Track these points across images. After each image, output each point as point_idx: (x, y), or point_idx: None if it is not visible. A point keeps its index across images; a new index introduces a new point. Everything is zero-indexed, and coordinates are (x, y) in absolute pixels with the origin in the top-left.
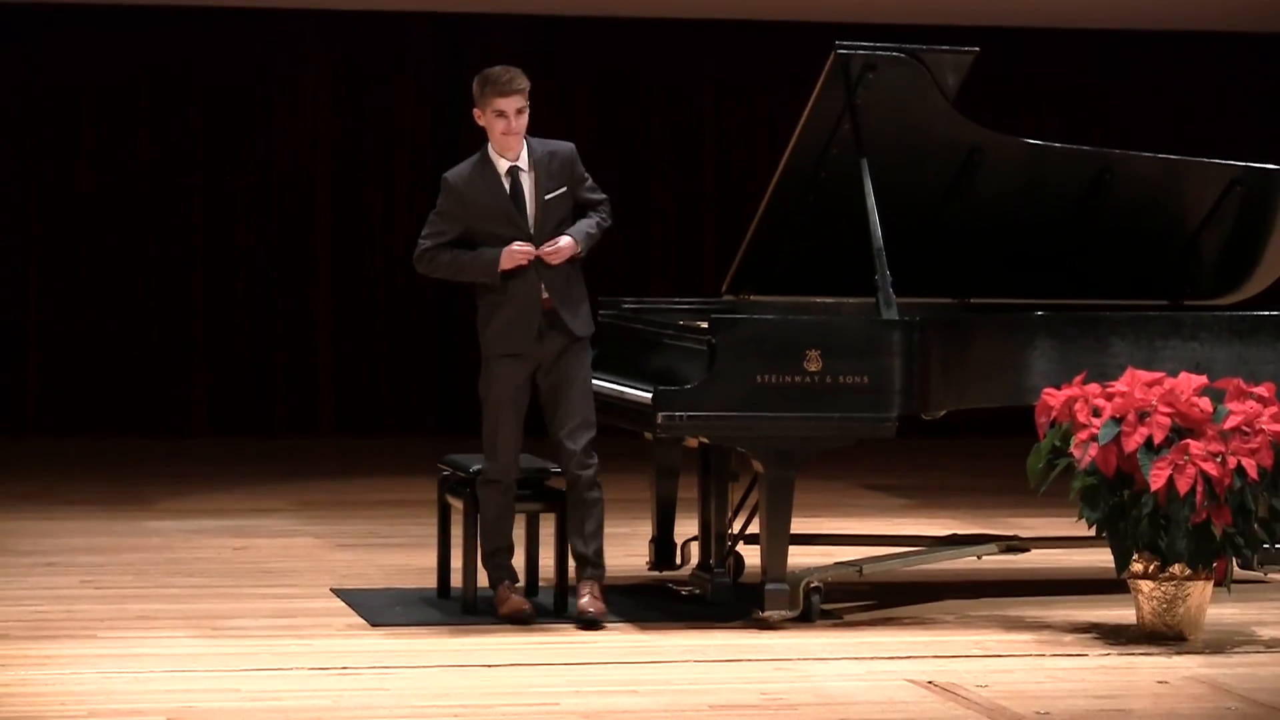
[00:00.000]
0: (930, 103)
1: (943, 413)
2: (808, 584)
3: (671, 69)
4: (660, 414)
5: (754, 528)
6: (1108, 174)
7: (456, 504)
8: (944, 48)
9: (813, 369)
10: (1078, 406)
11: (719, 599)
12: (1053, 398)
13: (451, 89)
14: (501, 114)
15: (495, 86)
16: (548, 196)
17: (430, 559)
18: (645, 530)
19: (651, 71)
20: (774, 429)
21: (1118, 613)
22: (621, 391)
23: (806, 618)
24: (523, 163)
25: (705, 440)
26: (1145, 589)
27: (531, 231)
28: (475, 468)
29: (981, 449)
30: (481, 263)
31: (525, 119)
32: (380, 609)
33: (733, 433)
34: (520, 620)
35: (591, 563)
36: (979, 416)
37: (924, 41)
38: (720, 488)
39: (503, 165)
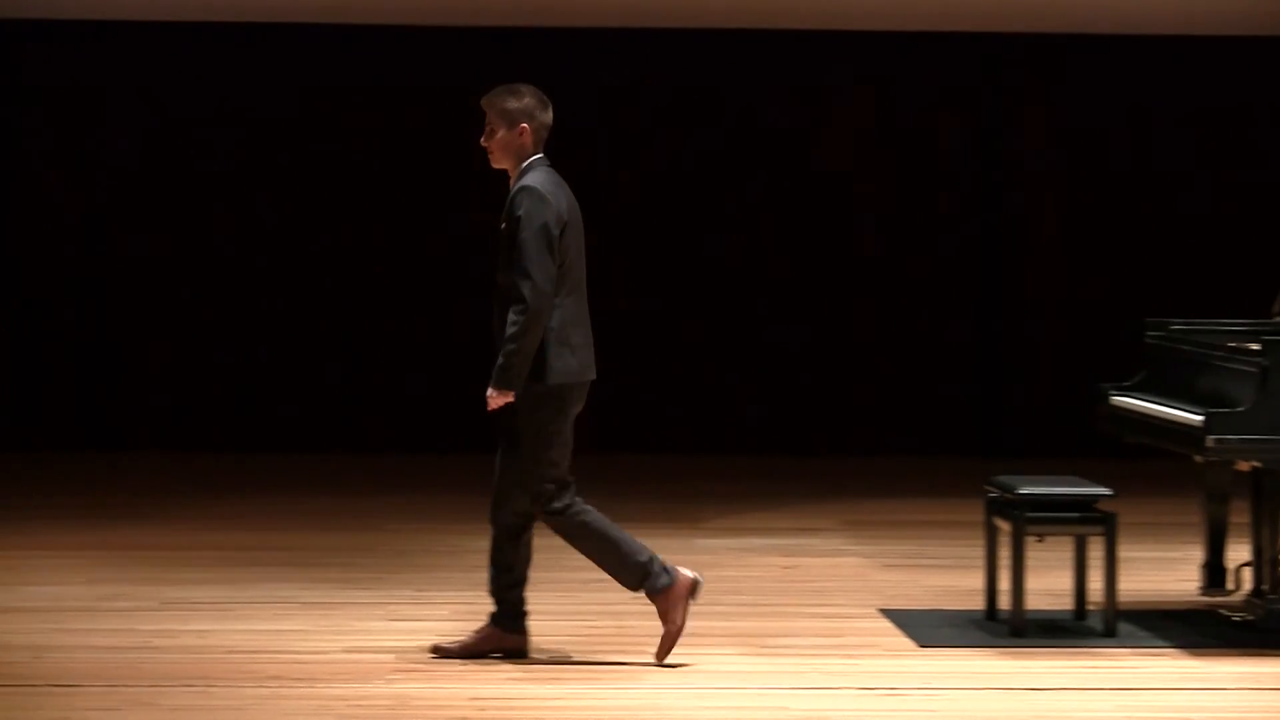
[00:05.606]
0: None
1: None
2: None
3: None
4: (1211, 437)
5: None
6: None
7: (1004, 526)
8: None
9: None
10: None
11: (1272, 625)
12: None
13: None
14: None
15: None
16: (502, 226)
17: (977, 580)
18: (1196, 554)
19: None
20: None
21: None
22: (1169, 413)
23: None
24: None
25: (1257, 464)
26: None
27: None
28: (1024, 490)
29: None
30: None
31: (489, 137)
32: (928, 630)
33: None
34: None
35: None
36: None
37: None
38: (1273, 512)
39: None
